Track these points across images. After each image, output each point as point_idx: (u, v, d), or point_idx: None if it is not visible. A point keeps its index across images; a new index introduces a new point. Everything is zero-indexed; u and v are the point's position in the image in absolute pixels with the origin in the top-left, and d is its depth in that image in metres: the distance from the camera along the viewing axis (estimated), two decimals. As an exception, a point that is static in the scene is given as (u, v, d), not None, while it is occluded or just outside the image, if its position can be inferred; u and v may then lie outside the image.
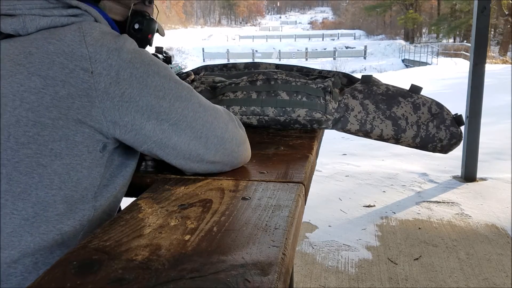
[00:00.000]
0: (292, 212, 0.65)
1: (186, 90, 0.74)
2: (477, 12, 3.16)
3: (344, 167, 3.69)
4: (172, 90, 0.72)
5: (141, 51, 0.71)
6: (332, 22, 77.56)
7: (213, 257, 0.52)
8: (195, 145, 0.74)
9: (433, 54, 21.97)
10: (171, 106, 0.71)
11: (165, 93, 0.71)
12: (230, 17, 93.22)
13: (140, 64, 0.69)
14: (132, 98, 0.68)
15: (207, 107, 0.76)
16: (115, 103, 0.66)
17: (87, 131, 0.66)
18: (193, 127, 0.73)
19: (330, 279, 2.01)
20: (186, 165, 0.77)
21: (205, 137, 0.75)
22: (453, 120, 1.19)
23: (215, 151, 0.77)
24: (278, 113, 1.14)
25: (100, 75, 0.66)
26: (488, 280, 1.98)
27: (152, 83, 0.69)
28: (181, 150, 0.74)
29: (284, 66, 1.41)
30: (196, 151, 0.75)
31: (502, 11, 24.97)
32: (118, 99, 0.67)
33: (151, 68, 0.70)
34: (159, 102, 0.70)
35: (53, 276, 0.49)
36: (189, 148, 0.74)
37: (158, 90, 0.70)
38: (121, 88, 0.67)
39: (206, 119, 0.75)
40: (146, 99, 0.69)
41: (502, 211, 2.70)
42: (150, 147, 0.72)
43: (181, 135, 0.72)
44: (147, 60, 0.71)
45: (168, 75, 0.72)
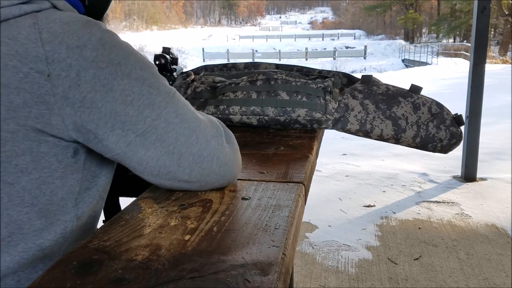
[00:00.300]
0: (292, 212, 0.65)
1: (162, 96, 0.63)
2: (477, 12, 3.16)
3: (344, 167, 3.69)
4: (143, 95, 0.62)
5: (113, 46, 0.61)
6: (332, 22, 77.59)
7: (213, 257, 0.52)
8: (166, 162, 0.64)
9: (433, 54, 21.98)
10: (139, 115, 0.61)
11: (133, 98, 0.61)
12: (230, 17, 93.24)
13: (107, 63, 0.60)
14: (94, 103, 0.59)
15: (186, 119, 0.65)
16: (76, 109, 0.58)
17: (51, 140, 0.60)
18: (164, 140, 0.63)
19: (330, 279, 2.01)
20: (156, 181, 0.68)
21: (178, 153, 0.64)
22: (453, 120, 1.19)
23: (190, 169, 0.66)
24: (278, 113, 1.14)
25: (58, 77, 0.57)
26: (488, 280, 1.98)
27: (119, 86, 0.60)
28: (148, 166, 0.64)
29: (284, 66, 1.41)
30: (166, 168, 0.65)
31: (502, 11, 24.97)
32: (79, 104, 0.58)
33: (120, 69, 0.60)
34: (125, 109, 0.60)
35: (53, 276, 0.49)
36: (158, 164, 0.64)
37: (126, 95, 0.60)
38: (82, 92, 0.58)
39: (182, 132, 0.64)
40: (110, 105, 0.59)
41: (502, 211, 2.70)
42: (114, 158, 0.64)
43: (149, 149, 0.63)
44: (118, 59, 0.61)
45: (142, 77, 0.62)
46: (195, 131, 0.66)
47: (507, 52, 24.54)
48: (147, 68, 0.64)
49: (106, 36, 0.62)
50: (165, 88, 0.65)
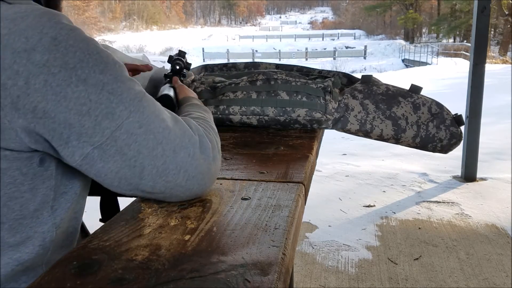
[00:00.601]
0: (292, 212, 0.65)
1: (124, 104, 0.57)
2: (477, 12, 3.16)
3: (344, 167, 3.69)
4: (102, 104, 0.55)
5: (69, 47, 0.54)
6: (332, 22, 77.60)
7: (213, 257, 0.52)
8: (126, 174, 0.59)
9: (433, 54, 21.98)
10: (97, 126, 0.55)
11: (90, 107, 0.54)
12: (230, 17, 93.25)
13: (60, 68, 0.53)
14: (46, 113, 0.53)
15: (152, 129, 0.59)
16: (29, 120, 0.53)
17: (10, 155, 0.55)
18: (125, 153, 0.57)
19: (330, 279, 2.01)
20: (116, 191, 0.62)
21: (140, 166, 0.59)
22: (453, 120, 1.19)
23: (153, 182, 0.61)
24: (278, 113, 1.14)
25: (4, 87, 0.51)
26: (488, 280, 1.98)
27: (73, 94, 0.53)
28: (107, 178, 0.59)
29: (284, 66, 1.41)
30: (127, 180, 0.60)
31: (502, 11, 24.97)
32: (31, 115, 0.52)
33: (75, 74, 0.53)
34: (81, 120, 0.54)
35: (53, 276, 0.49)
36: (117, 177, 0.59)
37: (81, 103, 0.54)
38: (32, 101, 0.52)
39: (145, 144, 0.58)
40: (63, 116, 0.53)
41: (502, 211, 2.70)
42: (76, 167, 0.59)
43: (108, 162, 0.57)
44: (73, 62, 0.54)
45: (102, 82, 0.55)
46: (161, 142, 0.60)
47: (507, 52, 24.54)
48: (109, 71, 0.56)
49: (62, 34, 0.54)
50: (129, 94, 0.58)
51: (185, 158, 0.62)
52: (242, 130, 1.16)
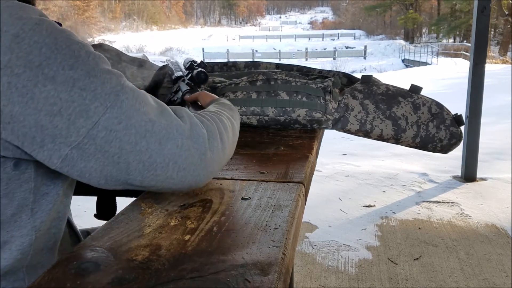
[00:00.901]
0: (292, 212, 0.65)
1: (99, 100, 0.53)
2: (477, 12, 3.16)
3: (344, 167, 3.69)
4: (74, 102, 0.51)
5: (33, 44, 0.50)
6: (332, 22, 77.59)
7: (213, 257, 0.52)
8: (112, 172, 0.56)
9: (433, 54, 21.98)
10: (71, 125, 0.52)
11: (61, 107, 0.51)
12: (230, 17, 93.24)
13: (24, 68, 0.49)
14: (14, 117, 0.50)
15: (133, 124, 0.55)
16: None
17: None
18: (106, 151, 0.54)
19: (330, 279, 2.01)
20: (107, 188, 0.59)
21: (125, 162, 0.56)
22: (453, 120, 1.19)
23: (142, 177, 0.58)
24: (278, 113, 1.14)
25: None
26: (488, 280, 1.98)
27: (41, 94, 0.50)
28: (92, 177, 0.56)
29: (284, 66, 1.41)
30: (114, 177, 0.57)
31: (502, 11, 24.97)
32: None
33: (41, 72, 0.50)
34: (53, 121, 0.51)
35: (53, 276, 0.49)
36: (103, 175, 0.56)
37: (51, 103, 0.50)
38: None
39: (127, 139, 0.55)
40: (33, 118, 0.50)
41: (502, 211, 2.70)
42: (57, 170, 0.56)
43: (89, 161, 0.54)
44: (38, 60, 0.50)
45: (72, 79, 0.52)
46: (144, 136, 0.56)
47: (507, 52, 24.54)
48: (80, 66, 0.53)
49: (25, 30, 0.50)
50: (104, 89, 0.54)
51: (173, 149, 0.58)
52: (242, 130, 1.16)
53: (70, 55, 0.52)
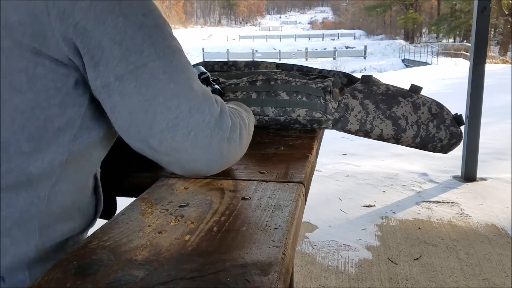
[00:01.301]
0: (292, 212, 0.65)
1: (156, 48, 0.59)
2: (477, 12, 3.16)
3: (344, 167, 3.69)
4: (135, 39, 0.58)
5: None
6: (332, 22, 77.61)
7: (213, 257, 0.52)
8: (138, 118, 0.59)
9: (433, 54, 22.00)
10: (123, 58, 0.57)
11: (123, 38, 0.57)
12: (230, 17, 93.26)
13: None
14: (86, 31, 0.56)
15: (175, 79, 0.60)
16: (70, 33, 0.56)
17: (48, 64, 0.57)
18: (142, 94, 0.58)
19: (330, 279, 2.01)
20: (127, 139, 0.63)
21: (153, 113, 0.59)
22: (453, 120, 1.19)
23: (161, 137, 0.61)
24: (278, 113, 1.14)
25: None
26: (488, 280, 1.98)
27: (112, 22, 0.57)
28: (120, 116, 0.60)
29: (284, 66, 1.41)
30: (137, 126, 0.60)
31: (502, 11, 24.98)
32: (72, 29, 0.56)
33: (119, 6, 0.58)
34: (112, 47, 0.57)
35: (53, 276, 0.49)
36: (129, 119, 0.60)
37: (117, 32, 0.57)
38: (75, 17, 0.56)
39: (164, 91, 0.59)
40: (99, 38, 0.57)
41: (502, 211, 2.70)
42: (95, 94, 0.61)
43: (124, 97, 0.58)
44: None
45: (141, 23, 0.58)
46: (179, 95, 0.60)
47: (507, 52, 24.55)
48: (151, 17, 0.60)
49: None
50: (164, 42, 0.60)
51: (199, 122, 0.61)
52: (242, 130, 1.16)
53: (147, 5, 0.60)
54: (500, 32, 31.45)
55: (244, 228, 0.60)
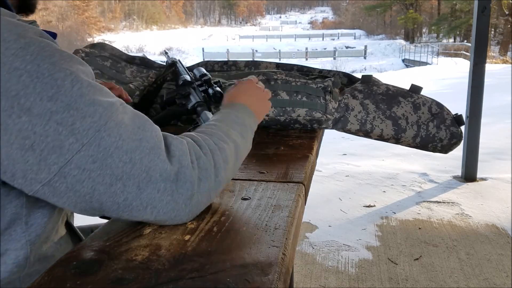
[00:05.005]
0: (292, 212, 0.65)
1: (76, 136, 0.50)
2: (477, 12, 3.16)
3: (344, 167, 3.69)
4: (48, 136, 0.49)
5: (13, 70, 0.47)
6: (332, 22, 77.60)
7: (213, 257, 0.52)
8: (86, 208, 0.55)
9: (433, 54, 21.98)
10: (42, 161, 0.49)
11: (34, 141, 0.48)
12: (230, 17, 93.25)
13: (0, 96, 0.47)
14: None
15: (109, 164, 0.52)
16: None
17: None
18: (78, 190, 0.52)
19: (330, 279, 2.01)
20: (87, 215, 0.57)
21: (98, 202, 0.53)
22: (453, 120, 1.19)
23: (117, 214, 0.56)
24: (278, 113, 1.14)
25: None
26: (488, 280, 1.98)
27: (15, 126, 0.47)
28: (67, 208, 0.55)
29: (285, 66, 1.41)
30: (89, 212, 0.55)
31: (502, 11, 24.97)
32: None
33: (17, 102, 0.47)
34: (24, 155, 0.48)
35: (53, 276, 0.49)
36: (78, 209, 0.55)
37: (24, 137, 0.48)
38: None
39: (101, 180, 0.52)
40: (5, 150, 0.48)
41: (502, 211, 2.69)
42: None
43: (61, 197, 0.52)
44: (16, 89, 0.47)
45: (50, 111, 0.48)
46: (121, 178, 0.53)
47: (507, 52, 24.54)
48: (60, 97, 0.49)
49: (7, 56, 0.47)
50: (83, 124, 0.50)
51: (153, 194, 0.55)
52: (242, 130, 1.16)
53: (51, 85, 0.49)
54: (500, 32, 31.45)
55: (244, 228, 0.60)
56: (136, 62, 1.38)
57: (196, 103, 1.04)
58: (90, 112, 0.51)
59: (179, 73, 1.17)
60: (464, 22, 32.00)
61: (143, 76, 1.32)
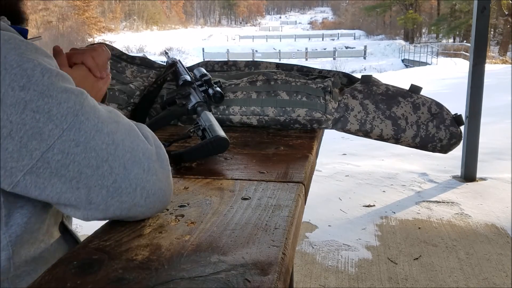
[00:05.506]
0: (292, 212, 0.65)
1: (54, 122, 0.50)
2: (477, 12, 3.16)
3: (344, 167, 3.69)
4: (25, 124, 0.49)
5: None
6: (332, 22, 77.59)
7: (213, 257, 0.52)
8: (71, 199, 0.53)
9: (433, 54, 21.98)
10: (23, 148, 0.49)
11: (11, 130, 0.48)
12: (230, 17, 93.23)
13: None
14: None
15: (93, 146, 0.53)
16: None
17: None
18: (63, 175, 0.51)
19: (330, 279, 2.01)
20: (72, 215, 0.57)
21: (85, 187, 0.53)
22: (452, 120, 1.19)
23: (105, 205, 0.55)
24: (278, 113, 1.14)
25: None
26: (488, 280, 1.98)
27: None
28: (50, 201, 0.54)
29: (285, 66, 1.41)
30: (74, 206, 0.54)
31: (502, 11, 24.98)
32: None
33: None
34: (3, 144, 0.48)
35: (53, 276, 0.49)
36: (61, 202, 0.54)
37: (1, 125, 0.48)
38: None
39: (87, 163, 0.52)
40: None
41: (502, 211, 2.70)
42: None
43: (46, 187, 0.52)
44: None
45: (24, 100, 0.49)
46: (107, 159, 0.53)
47: (507, 52, 24.54)
48: (32, 86, 0.50)
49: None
50: (60, 110, 0.51)
51: (140, 174, 0.56)
52: (242, 130, 1.16)
53: (21, 75, 0.49)
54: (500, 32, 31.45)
55: (244, 228, 0.60)
56: (137, 62, 1.38)
57: (196, 103, 1.04)
58: (64, 99, 0.52)
59: (179, 73, 1.17)
60: (463, 22, 31.99)
61: (143, 76, 1.32)
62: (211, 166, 0.87)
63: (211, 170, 0.85)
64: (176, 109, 1.09)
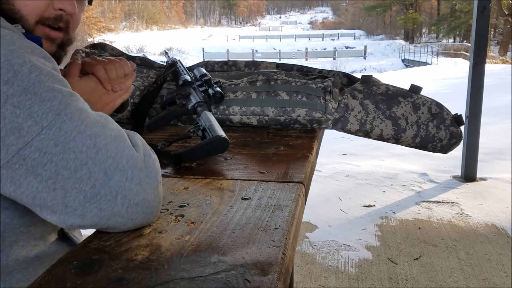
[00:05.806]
0: (292, 212, 0.65)
1: (34, 119, 0.50)
2: (477, 12, 3.16)
3: (344, 167, 3.69)
4: (5, 118, 0.49)
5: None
6: (332, 22, 77.61)
7: (213, 257, 0.52)
8: (46, 200, 0.51)
9: (433, 54, 21.98)
10: (0, 142, 0.49)
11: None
12: (230, 17, 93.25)
13: None
14: None
15: (72, 148, 0.51)
16: None
17: None
18: (39, 174, 0.50)
19: (330, 279, 2.01)
20: (48, 219, 0.54)
21: (62, 189, 0.51)
22: (453, 120, 1.19)
23: (82, 210, 0.52)
24: (278, 113, 1.14)
25: None
26: (488, 280, 1.98)
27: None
28: (25, 203, 0.52)
29: (285, 66, 1.41)
30: (49, 208, 0.52)
31: (502, 11, 24.98)
32: None
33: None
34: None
35: (53, 276, 0.49)
36: (36, 203, 0.52)
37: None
38: None
39: (64, 164, 0.50)
40: None
41: (502, 211, 2.70)
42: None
43: (21, 184, 0.50)
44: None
45: (5, 95, 0.49)
46: (86, 163, 0.51)
47: (507, 52, 24.54)
48: (17, 82, 0.50)
49: None
50: (42, 107, 0.50)
51: (122, 181, 0.53)
52: (242, 130, 1.16)
53: (7, 70, 0.49)
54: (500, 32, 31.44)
55: (244, 228, 0.60)
56: (136, 62, 1.38)
57: (196, 103, 1.04)
58: (49, 97, 0.51)
59: (179, 73, 1.17)
60: (463, 22, 31.99)
61: (143, 76, 1.32)
62: (211, 166, 0.87)
63: (211, 170, 0.85)
64: (176, 109, 1.09)
